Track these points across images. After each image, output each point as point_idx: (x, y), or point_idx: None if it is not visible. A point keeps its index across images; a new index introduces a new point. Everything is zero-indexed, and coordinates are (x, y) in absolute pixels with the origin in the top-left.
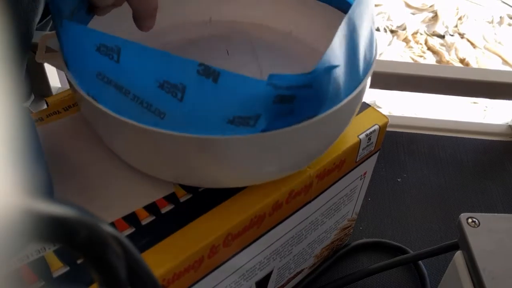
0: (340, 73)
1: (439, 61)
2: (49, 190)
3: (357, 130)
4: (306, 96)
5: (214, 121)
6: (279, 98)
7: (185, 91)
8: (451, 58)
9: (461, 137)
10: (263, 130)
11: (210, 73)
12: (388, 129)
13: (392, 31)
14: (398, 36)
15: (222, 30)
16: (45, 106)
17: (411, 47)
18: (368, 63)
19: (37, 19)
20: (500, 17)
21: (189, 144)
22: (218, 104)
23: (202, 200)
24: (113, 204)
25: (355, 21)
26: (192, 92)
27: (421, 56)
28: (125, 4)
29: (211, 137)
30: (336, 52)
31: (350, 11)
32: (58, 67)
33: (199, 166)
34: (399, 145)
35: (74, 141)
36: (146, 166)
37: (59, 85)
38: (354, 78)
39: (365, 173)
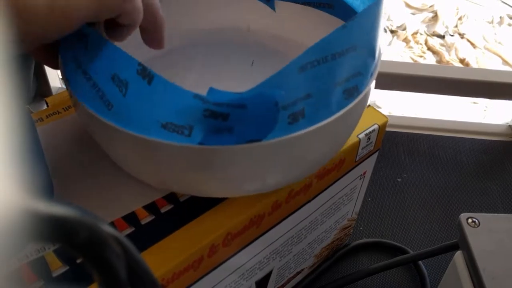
0: (295, 100)
1: (439, 61)
2: (49, 190)
3: (356, 130)
4: (242, 117)
5: (149, 122)
6: (209, 113)
7: (128, 87)
8: (451, 58)
9: (461, 137)
10: (200, 143)
11: (146, 75)
12: (388, 129)
13: (392, 31)
14: (398, 36)
15: (258, 39)
16: (45, 106)
17: (411, 47)
18: (350, 94)
19: None
20: (500, 17)
21: (125, 139)
22: (151, 106)
23: (202, 199)
24: (112, 204)
25: (330, 50)
26: (132, 90)
27: (421, 56)
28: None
29: (142, 137)
30: (290, 78)
31: (323, 40)
32: None
33: (138, 163)
34: (399, 145)
35: (73, 141)
36: (107, 151)
37: (59, 85)
38: (326, 109)
39: (364, 173)
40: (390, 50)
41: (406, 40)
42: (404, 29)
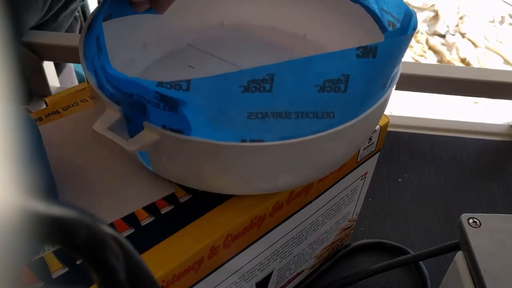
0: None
1: (440, 60)
2: (50, 191)
3: None
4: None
5: None
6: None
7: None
8: (452, 58)
9: (462, 137)
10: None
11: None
12: (388, 129)
13: None
14: None
15: (235, 33)
16: (44, 106)
17: (412, 47)
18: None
19: (34, 15)
20: (502, 16)
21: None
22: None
23: (202, 200)
24: (112, 205)
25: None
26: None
27: (422, 56)
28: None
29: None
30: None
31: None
32: None
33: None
34: (400, 145)
35: (73, 141)
36: None
37: (58, 84)
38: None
39: (365, 174)
40: None
41: None
42: None
